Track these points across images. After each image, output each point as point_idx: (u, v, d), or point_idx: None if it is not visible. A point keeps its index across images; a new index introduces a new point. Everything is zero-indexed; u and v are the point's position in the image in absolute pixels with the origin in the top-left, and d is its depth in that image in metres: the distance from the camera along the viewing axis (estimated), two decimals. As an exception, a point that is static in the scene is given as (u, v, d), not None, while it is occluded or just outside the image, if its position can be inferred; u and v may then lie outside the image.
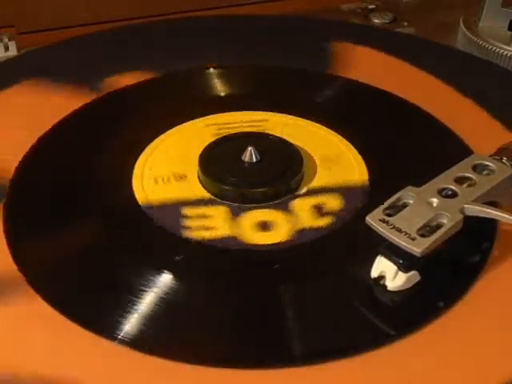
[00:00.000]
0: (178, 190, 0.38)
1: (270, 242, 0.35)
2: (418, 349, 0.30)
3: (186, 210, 0.37)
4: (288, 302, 0.32)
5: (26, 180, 0.39)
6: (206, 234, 0.35)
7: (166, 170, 0.39)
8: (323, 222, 0.36)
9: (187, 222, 0.36)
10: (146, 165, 0.39)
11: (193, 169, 0.39)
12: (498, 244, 0.35)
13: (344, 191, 0.38)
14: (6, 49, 0.52)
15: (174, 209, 0.37)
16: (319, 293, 0.33)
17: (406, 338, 0.30)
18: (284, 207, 0.37)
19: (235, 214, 0.36)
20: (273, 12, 0.59)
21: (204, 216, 0.36)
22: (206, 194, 0.37)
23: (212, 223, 0.36)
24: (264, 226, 0.36)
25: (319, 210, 0.36)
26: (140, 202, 0.37)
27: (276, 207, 0.37)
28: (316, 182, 0.38)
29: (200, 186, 0.38)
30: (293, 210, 0.37)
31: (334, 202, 0.37)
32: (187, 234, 0.35)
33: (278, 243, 0.35)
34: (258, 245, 0.35)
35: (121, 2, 0.57)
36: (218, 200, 0.37)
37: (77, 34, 0.53)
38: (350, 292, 0.33)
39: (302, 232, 0.35)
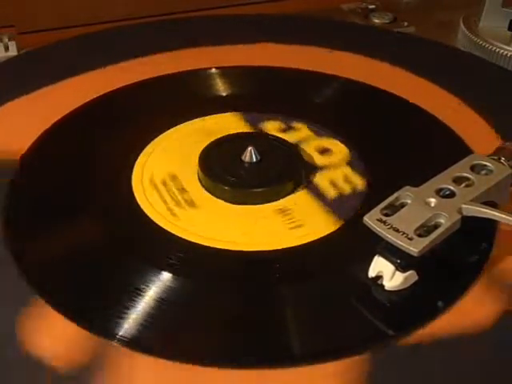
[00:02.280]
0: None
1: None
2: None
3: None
4: (287, 302, 0.32)
5: (26, 180, 0.39)
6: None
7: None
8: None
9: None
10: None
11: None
12: (497, 244, 0.35)
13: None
14: (6, 49, 0.52)
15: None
16: (317, 293, 0.33)
17: (406, 338, 0.30)
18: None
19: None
20: (273, 12, 0.59)
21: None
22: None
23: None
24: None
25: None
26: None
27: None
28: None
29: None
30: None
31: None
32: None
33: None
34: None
35: (121, 2, 0.57)
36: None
37: (77, 33, 0.53)
38: (348, 292, 0.33)
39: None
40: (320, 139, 0.42)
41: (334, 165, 0.40)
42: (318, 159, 0.40)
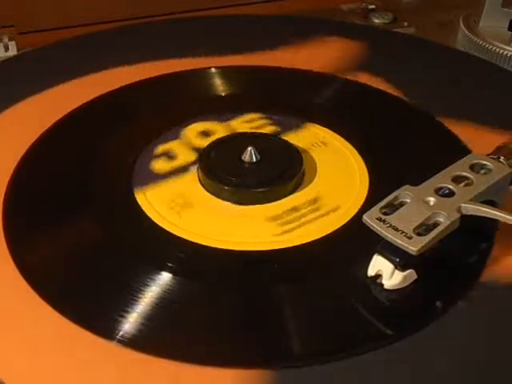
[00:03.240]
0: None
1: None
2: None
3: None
4: (286, 301, 0.32)
5: (26, 180, 0.39)
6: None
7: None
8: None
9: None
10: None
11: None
12: (497, 244, 0.35)
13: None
14: (6, 49, 0.52)
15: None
16: (316, 292, 0.33)
17: (404, 338, 0.30)
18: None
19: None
20: (273, 12, 0.59)
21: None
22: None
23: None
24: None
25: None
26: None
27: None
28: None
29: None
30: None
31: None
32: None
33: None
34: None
35: (121, 1, 0.57)
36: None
37: (77, 33, 0.53)
38: (347, 291, 0.33)
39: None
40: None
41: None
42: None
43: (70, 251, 0.35)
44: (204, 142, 0.40)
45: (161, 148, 0.41)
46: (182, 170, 0.39)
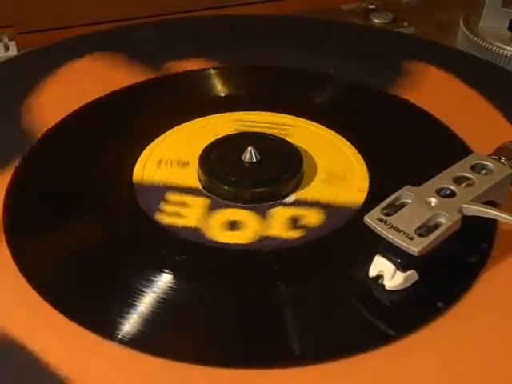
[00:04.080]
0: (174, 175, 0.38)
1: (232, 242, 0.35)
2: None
3: (170, 195, 0.37)
4: (287, 301, 0.32)
5: (26, 179, 0.39)
6: (179, 222, 0.36)
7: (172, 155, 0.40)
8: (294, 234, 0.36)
9: (165, 206, 0.37)
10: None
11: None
12: (498, 244, 0.35)
13: (331, 210, 0.37)
14: (6, 49, 0.52)
15: (159, 191, 0.38)
16: (318, 292, 0.33)
17: (406, 338, 0.30)
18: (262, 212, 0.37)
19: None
20: (273, 12, 0.59)
21: (183, 204, 0.37)
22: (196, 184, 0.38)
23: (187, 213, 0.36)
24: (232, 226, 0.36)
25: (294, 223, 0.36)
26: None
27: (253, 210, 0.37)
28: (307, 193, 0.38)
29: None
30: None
31: (313, 218, 0.37)
32: (159, 217, 0.36)
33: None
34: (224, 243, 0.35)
35: (121, 1, 0.57)
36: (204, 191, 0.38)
37: (77, 33, 0.53)
38: (348, 292, 0.33)
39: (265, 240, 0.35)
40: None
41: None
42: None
43: (70, 251, 0.35)
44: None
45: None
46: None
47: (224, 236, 0.35)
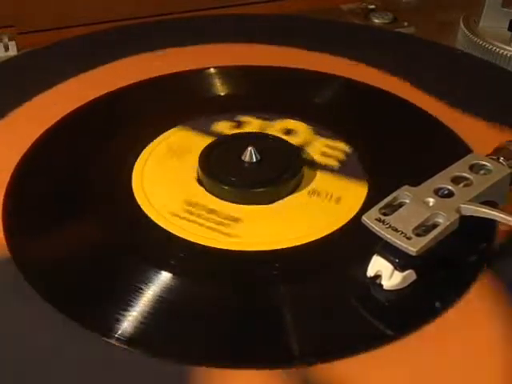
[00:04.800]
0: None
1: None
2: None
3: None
4: (286, 301, 0.32)
5: (26, 179, 0.39)
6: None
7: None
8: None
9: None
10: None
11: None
12: (496, 244, 0.35)
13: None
14: (6, 49, 0.52)
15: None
16: (315, 293, 0.33)
17: (403, 338, 0.30)
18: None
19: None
20: (273, 12, 0.59)
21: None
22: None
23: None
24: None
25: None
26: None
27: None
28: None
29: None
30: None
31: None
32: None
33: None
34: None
35: (120, 2, 0.57)
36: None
37: (77, 34, 0.53)
38: (346, 292, 0.33)
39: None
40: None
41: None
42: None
43: (70, 251, 0.35)
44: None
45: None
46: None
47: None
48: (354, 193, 0.38)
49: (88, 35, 0.52)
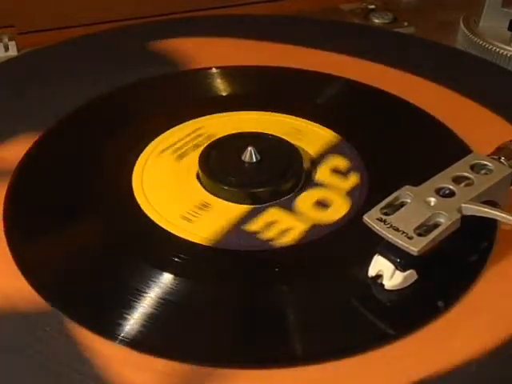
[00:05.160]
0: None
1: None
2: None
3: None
4: (287, 301, 0.32)
5: (26, 180, 0.39)
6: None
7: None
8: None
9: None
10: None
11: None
12: (498, 244, 0.35)
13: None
14: (6, 49, 0.52)
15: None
16: (317, 292, 0.33)
17: (405, 338, 0.30)
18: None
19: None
20: (273, 12, 0.59)
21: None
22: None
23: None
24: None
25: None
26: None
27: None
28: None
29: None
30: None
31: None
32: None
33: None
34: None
35: (120, 2, 0.57)
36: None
37: (77, 34, 0.53)
38: (347, 291, 0.33)
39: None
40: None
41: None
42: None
43: (70, 251, 0.35)
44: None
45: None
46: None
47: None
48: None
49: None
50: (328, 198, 0.37)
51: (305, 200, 0.37)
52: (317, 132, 0.42)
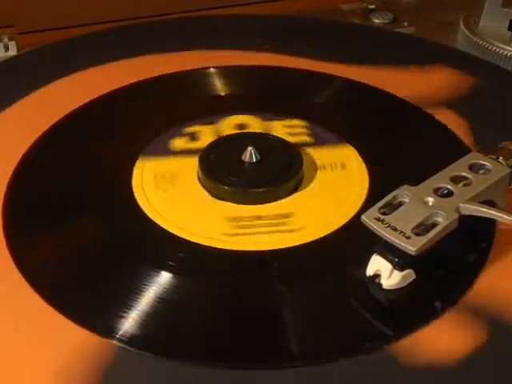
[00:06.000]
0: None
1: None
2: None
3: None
4: (286, 301, 0.32)
5: (26, 179, 0.39)
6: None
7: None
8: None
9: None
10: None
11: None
12: (496, 243, 0.35)
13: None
14: (6, 49, 0.52)
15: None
16: (315, 292, 0.33)
17: (403, 338, 0.30)
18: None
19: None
20: (273, 12, 0.59)
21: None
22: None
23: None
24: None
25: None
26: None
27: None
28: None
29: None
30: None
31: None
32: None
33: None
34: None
35: (120, 2, 0.57)
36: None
37: (77, 33, 0.53)
38: (345, 291, 0.33)
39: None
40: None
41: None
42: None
43: (70, 251, 0.35)
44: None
45: (190, 129, 0.42)
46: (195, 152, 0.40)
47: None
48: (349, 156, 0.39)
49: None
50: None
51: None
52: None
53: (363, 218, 0.32)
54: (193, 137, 0.41)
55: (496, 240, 0.35)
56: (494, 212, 0.32)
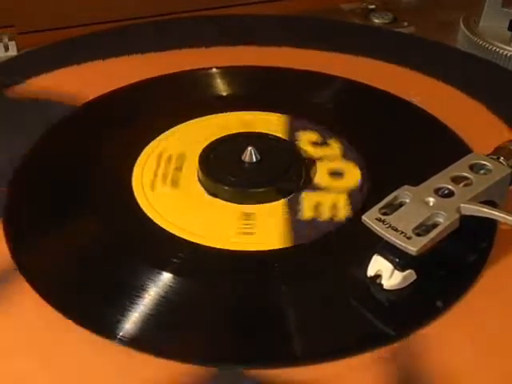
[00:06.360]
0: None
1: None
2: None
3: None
4: (286, 301, 0.32)
5: (26, 180, 0.39)
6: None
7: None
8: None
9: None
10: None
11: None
12: (497, 243, 0.35)
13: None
14: (6, 49, 0.52)
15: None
16: (316, 292, 0.33)
17: (403, 338, 0.30)
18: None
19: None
20: (273, 12, 0.59)
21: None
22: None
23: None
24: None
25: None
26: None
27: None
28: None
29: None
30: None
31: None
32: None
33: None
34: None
35: (121, 2, 0.57)
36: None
37: (77, 33, 0.53)
38: (346, 292, 0.33)
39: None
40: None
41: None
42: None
43: (70, 251, 0.35)
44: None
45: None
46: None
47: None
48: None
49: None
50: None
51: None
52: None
53: (364, 218, 0.32)
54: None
55: (496, 240, 0.35)
56: (494, 212, 0.32)
